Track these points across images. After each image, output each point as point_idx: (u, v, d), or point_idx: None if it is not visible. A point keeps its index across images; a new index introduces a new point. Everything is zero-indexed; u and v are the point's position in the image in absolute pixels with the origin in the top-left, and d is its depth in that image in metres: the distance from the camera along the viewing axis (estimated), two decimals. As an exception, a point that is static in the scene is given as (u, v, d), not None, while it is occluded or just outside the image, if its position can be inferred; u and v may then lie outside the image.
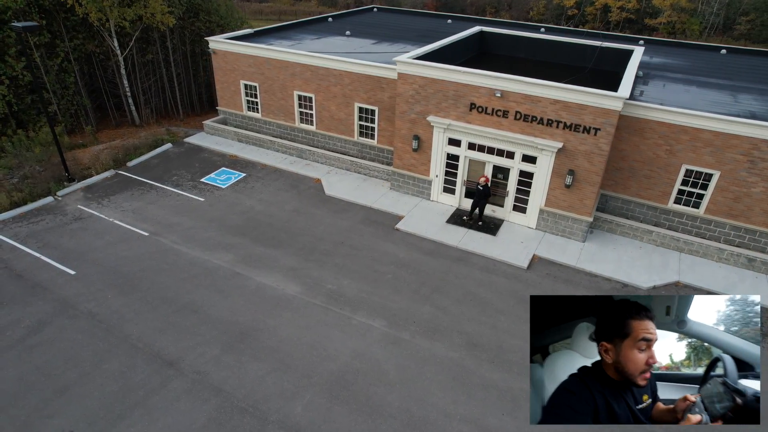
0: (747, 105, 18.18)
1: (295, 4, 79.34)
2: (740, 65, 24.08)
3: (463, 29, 29.46)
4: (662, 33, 64.96)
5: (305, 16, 74.92)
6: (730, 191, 16.51)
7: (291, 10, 73.72)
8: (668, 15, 64.00)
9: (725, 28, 66.07)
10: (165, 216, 18.40)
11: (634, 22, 67.54)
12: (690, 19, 64.51)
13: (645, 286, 15.37)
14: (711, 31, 66.03)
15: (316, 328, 13.54)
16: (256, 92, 23.68)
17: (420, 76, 17.57)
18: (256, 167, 22.12)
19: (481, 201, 17.80)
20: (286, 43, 24.68)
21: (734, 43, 62.30)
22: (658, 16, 64.96)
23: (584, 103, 15.34)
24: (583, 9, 69.49)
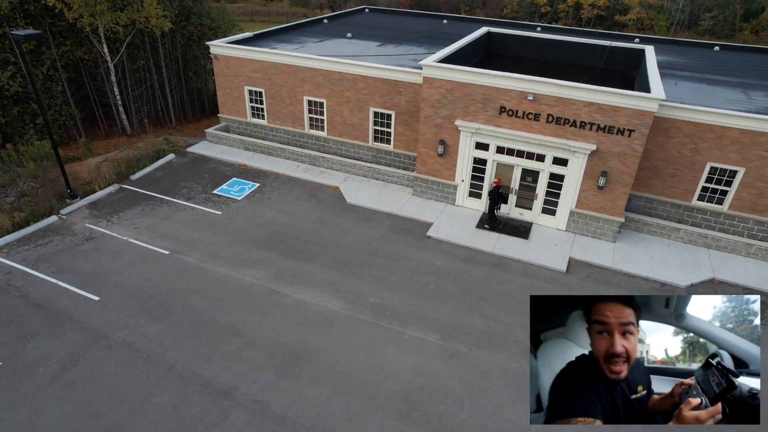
0: (762, 102, 18.65)
1: (266, 4, 77.68)
2: (739, 62, 24.76)
3: (459, 29, 29.37)
4: (631, 29, 66.68)
5: (277, 17, 73.58)
6: (755, 187, 16.86)
7: (263, 10, 72.18)
8: (637, 12, 65.76)
9: (690, 24, 68.39)
10: (183, 232, 17.49)
11: (605, 19, 69.12)
12: (657, 16, 66.49)
13: (683, 285, 15.54)
14: (677, 27, 68.24)
15: (369, 346, 13.06)
16: (262, 98, 22.86)
17: (447, 80, 17.24)
18: (268, 176, 21.34)
19: (495, 204, 17.71)
20: (289, 46, 23.92)
21: (699, 38, 64.56)
22: (628, 12, 66.67)
23: (619, 105, 15.35)
24: (555, 6, 70.64)
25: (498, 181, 17.66)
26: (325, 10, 74.46)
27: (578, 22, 70.15)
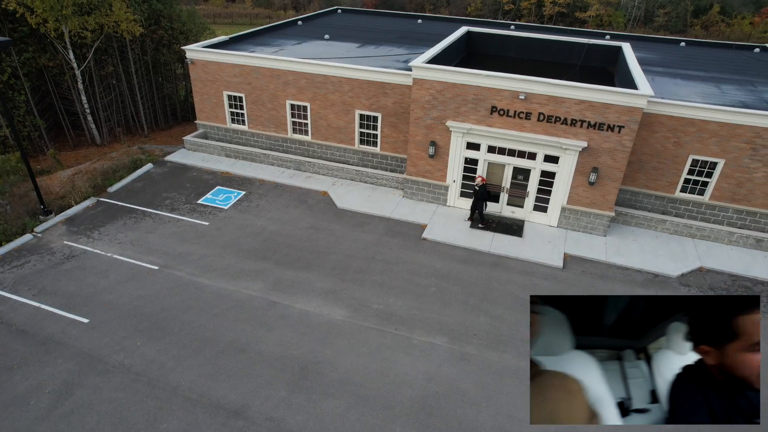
0: (734, 95, 19.39)
1: (228, 6, 76.01)
2: (704, 57, 25.72)
3: (435, 29, 29.45)
4: (591, 25, 68.59)
5: (240, 19, 72.14)
6: (734, 177, 17.51)
7: (225, 12, 70.60)
8: (596, 8, 67.63)
9: (646, 20, 70.88)
10: (170, 245, 16.82)
11: (566, 16, 70.80)
12: (615, 12, 68.60)
13: (674, 275, 15.98)
14: (633, 23, 70.59)
15: (378, 353, 12.85)
16: (242, 103, 22.25)
17: (437, 80, 17.18)
18: (254, 183, 20.79)
19: (479, 202, 17.78)
20: (267, 49, 23.38)
21: (654, 33, 66.98)
22: (587, 9, 68.48)
23: (609, 102, 15.64)
24: (518, 4, 71.86)
25: (482, 178, 17.62)
26: (289, 11, 73.49)
27: (540, 19, 71.62)
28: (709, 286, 15.68)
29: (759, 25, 68.33)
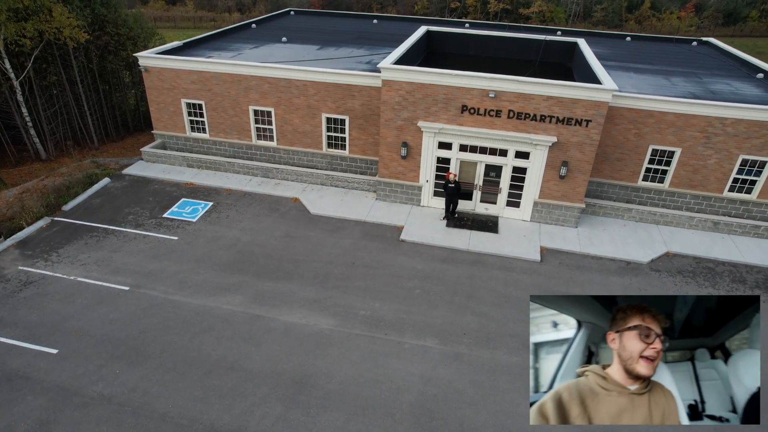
0: (684, 87, 20.42)
1: (169, 9, 73.16)
2: (649, 51, 26.97)
3: (392, 29, 29.48)
4: (535, 21, 70.74)
5: (183, 22, 69.63)
6: (690, 165, 18.46)
7: (166, 15, 67.89)
8: (538, 5, 69.82)
9: (585, 15, 73.83)
10: (139, 263, 15.96)
11: (510, 12, 72.66)
12: (556, 8, 71.04)
13: (645, 261, 16.67)
14: (573, 18, 73.36)
15: (371, 360, 12.68)
16: (202, 111, 21.42)
17: (407, 81, 17.13)
18: (220, 194, 20.06)
19: (454, 198, 17.98)
20: (225, 54, 22.62)
21: (593, 27, 69.89)
22: (530, 6, 70.55)
23: (576, 98, 16.09)
24: (464, 1, 73.08)
25: (451, 174, 17.77)
26: (234, 14, 71.61)
27: (486, 16, 73.16)
28: (676, 270, 16.45)
29: (685, 19, 72.71)
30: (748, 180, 18.36)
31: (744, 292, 15.53)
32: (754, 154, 17.81)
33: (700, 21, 71.90)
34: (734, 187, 18.54)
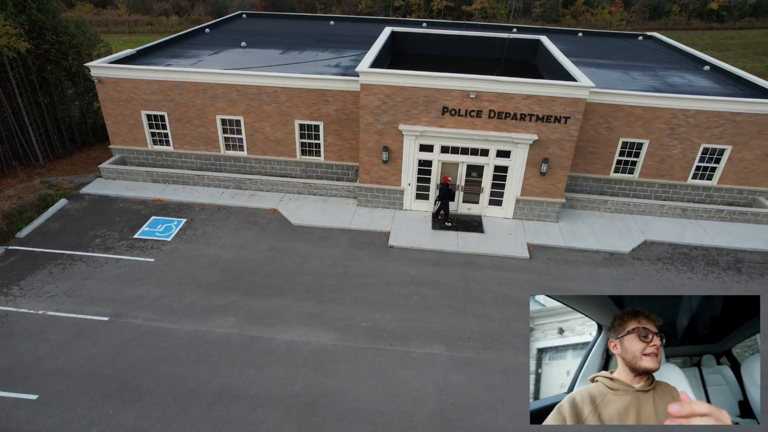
0: (644, 81, 21.35)
1: (99, 12, 68.93)
2: (602, 46, 28.03)
3: (350, 30, 29.15)
4: (477, 18, 72.18)
5: (117, 26, 65.90)
6: (657, 155, 19.30)
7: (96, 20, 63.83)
8: (480, 1, 71.28)
9: (525, 11, 76.13)
10: (116, 290, 14.84)
11: (453, 10, 73.77)
12: (497, 5, 72.82)
13: (627, 251, 17.26)
14: (514, 14, 75.47)
15: (382, 374, 12.38)
16: (165, 122, 20.23)
17: (386, 85, 16.87)
18: (193, 209, 19.02)
19: (445, 201, 18.03)
20: (184, 62, 21.50)
21: (533, 23, 72.20)
22: (473, 2, 71.90)
23: (555, 95, 16.39)
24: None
25: (446, 178, 17.85)
26: (171, 17, 68.51)
27: (430, 14, 73.92)
28: (656, 257, 17.15)
29: (616, 14, 76.54)
30: (708, 167, 19.43)
31: (719, 276, 16.39)
32: (714, 142, 18.84)
33: (629, 15, 75.84)
34: (697, 174, 19.57)
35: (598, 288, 15.57)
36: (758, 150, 18.88)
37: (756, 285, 15.99)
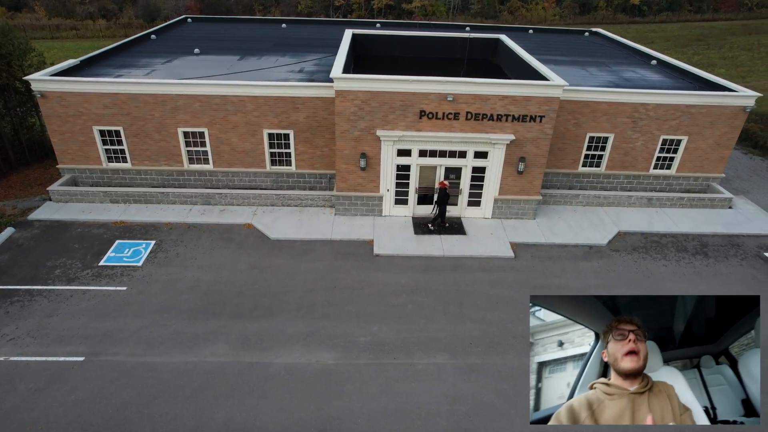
0: (602, 77, 22.13)
1: (14, 16, 63.57)
2: (556, 43, 28.83)
3: (304, 32, 28.50)
4: (418, 16, 72.77)
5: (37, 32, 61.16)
6: (622, 148, 20.06)
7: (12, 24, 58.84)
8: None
9: (463, 8, 77.53)
10: (88, 325, 13.61)
11: (394, 8, 73.94)
12: (437, 2, 73.73)
13: (604, 243, 17.81)
14: (453, 11, 76.70)
15: (390, 390, 12.05)
16: (121, 138, 18.83)
17: (362, 90, 16.47)
18: (160, 229, 17.81)
19: (442, 205, 17.96)
20: (137, 71, 20.09)
21: (473, 20, 73.70)
22: (413, 0, 72.37)
23: (530, 95, 16.60)
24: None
25: (443, 183, 17.77)
26: (98, 21, 64.30)
27: (370, 12, 73.73)
28: (631, 247, 17.81)
29: (549, 9, 79.57)
30: (668, 157, 20.41)
31: (690, 261, 17.25)
32: (672, 134, 19.81)
33: (561, 11, 79.01)
34: (658, 164, 20.52)
35: (583, 282, 15.96)
36: (710, 139, 20.03)
37: (723, 267, 16.95)
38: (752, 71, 46.73)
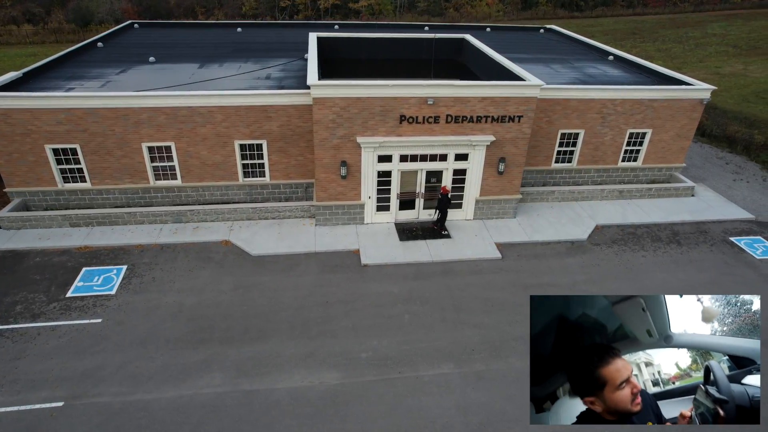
0: (567, 74, 22.60)
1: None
2: (515, 41, 29.26)
3: (263, 36, 27.71)
4: (366, 15, 72.44)
5: (-45, 38, 55.90)
6: (592, 143, 20.57)
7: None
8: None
9: (410, 6, 77.83)
10: (63, 366, 12.45)
11: (341, 7, 73.20)
12: (383, 1, 73.63)
13: (584, 238, 18.17)
14: (400, 9, 76.84)
15: (400, 406, 11.72)
16: (78, 156, 17.43)
17: (341, 97, 15.97)
18: (131, 252, 16.62)
19: (444, 211, 17.81)
20: (89, 83, 18.71)
21: (420, 18, 74.15)
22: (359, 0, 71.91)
23: (509, 96, 16.65)
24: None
25: (445, 189, 17.62)
26: (23, 26, 59.83)
27: (317, 12, 72.69)
28: (611, 240, 18.27)
29: (493, 6, 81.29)
30: (634, 150, 21.12)
31: (666, 250, 17.88)
32: (637, 127, 20.50)
33: (504, 7, 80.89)
34: (625, 157, 21.19)
35: (571, 278, 16.20)
36: (672, 131, 20.88)
37: (696, 254, 17.70)
38: (686, 63, 49.38)
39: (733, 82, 40.48)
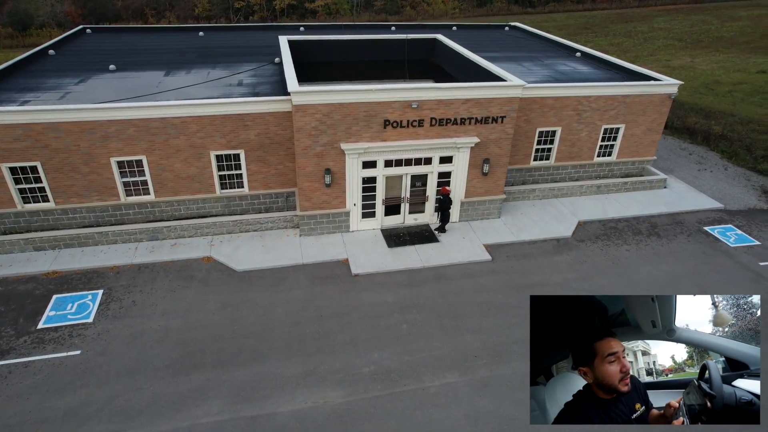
0: (539, 72, 22.79)
1: None
2: (485, 39, 29.34)
3: (228, 41, 26.79)
4: (323, 14, 71.55)
5: None
6: (568, 140, 20.83)
7: None
8: (323, -3, 70.68)
9: (367, 5, 77.35)
10: (42, 405, 11.48)
11: (297, 7, 71.96)
12: (340, 0, 72.87)
13: (568, 235, 18.35)
14: (357, 8, 76.25)
15: (410, 420, 11.43)
16: (39, 174, 16.20)
17: (323, 103, 15.46)
18: (105, 275, 15.58)
19: (446, 212, 17.60)
20: (47, 95, 17.46)
21: (377, 17, 73.89)
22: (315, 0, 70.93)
23: (492, 97, 16.57)
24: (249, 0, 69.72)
25: (445, 189, 17.41)
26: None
27: (273, 13, 71.20)
28: (594, 236, 18.53)
29: (449, 3, 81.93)
30: (609, 145, 21.54)
31: (647, 243, 18.28)
32: (611, 122, 20.90)
33: (460, 4, 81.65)
34: (600, 152, 21.59)
35: (562, 276, 16.31)
36: (643, 126, 21.41)
37: (675, 245, 18.18)
38: (638, 57, 51.11)
39: (683, 74, 42.12)
